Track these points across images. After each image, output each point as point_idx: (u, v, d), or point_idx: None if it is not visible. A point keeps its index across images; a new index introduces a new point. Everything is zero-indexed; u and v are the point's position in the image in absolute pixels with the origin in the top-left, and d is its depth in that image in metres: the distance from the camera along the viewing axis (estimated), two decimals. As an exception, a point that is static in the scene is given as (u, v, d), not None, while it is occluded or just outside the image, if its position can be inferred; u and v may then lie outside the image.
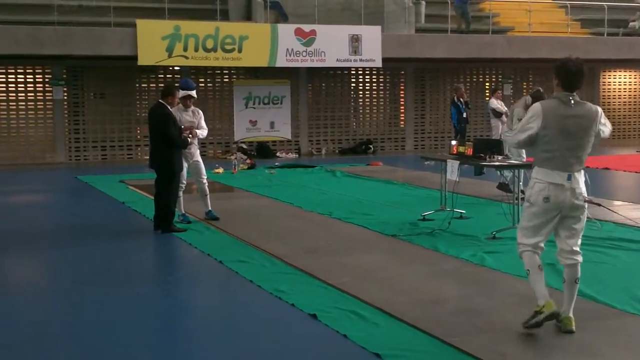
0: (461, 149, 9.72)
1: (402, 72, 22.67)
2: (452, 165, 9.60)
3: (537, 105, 5.37)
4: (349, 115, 22.54)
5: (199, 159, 10.19)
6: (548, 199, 5.23)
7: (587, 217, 5.57)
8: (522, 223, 5.50)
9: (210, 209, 10.28)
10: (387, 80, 22.75)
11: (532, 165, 5.52)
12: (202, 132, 10.08)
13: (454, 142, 10.17)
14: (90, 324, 5.86)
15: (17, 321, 5.99)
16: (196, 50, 18.51)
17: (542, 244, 5.40)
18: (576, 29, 23.96)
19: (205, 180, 10.21)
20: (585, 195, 5.36)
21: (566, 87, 5.27)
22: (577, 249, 5.40)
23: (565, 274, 5.42)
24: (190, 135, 9.74)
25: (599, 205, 5.79)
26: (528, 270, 5.41)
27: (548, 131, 5.23)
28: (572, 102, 5.26)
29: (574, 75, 5.25)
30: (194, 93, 10.19)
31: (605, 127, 5.42)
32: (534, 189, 5.32)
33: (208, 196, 10.29)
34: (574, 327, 5.26)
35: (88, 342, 5.43)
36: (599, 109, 5.38)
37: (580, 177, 5.33)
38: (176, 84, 11.39)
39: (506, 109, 19.08)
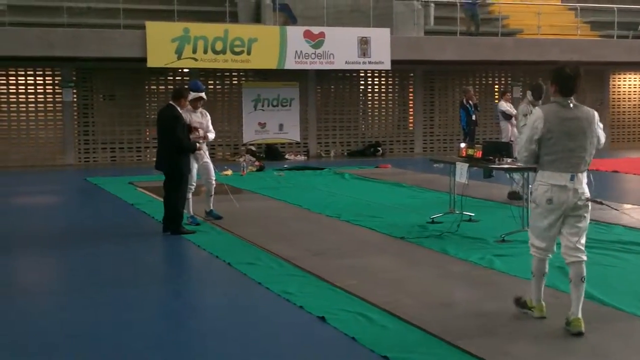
0: (470, 151, 9.70)
1: (411, 75, 22.64)
2: (461, 168, 9.57)
3: (537, 111, 5.50)
4: (358, 117, 22.52)
5: (209, 160, 10.27)
6: (551, 200, 5.40)
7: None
8: (531, 224, 5.72)
9: (212, 208, 10.39)
10: (396, 82, 22.73)
11: (536, 169, 5.66)
12: (211, 135, 10.18)
13: (463, 145, 10.15)
14: (99, 325, 5.87)
15: (27, 322, 6.01)
16: (205, 52, 18.53)
17: (553, 247, 5.62)
18: (586, 32, 23.88)
19: (213, 182, 10.28)
20: (588, 195, 5.47)
21: (563, 93, 5.41)
22: (581, 247, 5.47)
23: (571, 273, 5.51)
24: (201, 139, 9.80)
25: (601, 203, 5.83)
26: (533, 273, 5.73)
27: (552, 134, 5.37)
28: (571, 105, 5.43)
29: (571, 80, 5.37)
30: (204, 95, 10.28)
31: (602, 136, 5.58)
32: (538, 191, 5.49)
33: (213, 197, 10.42)
34: (583, 329, 5.30)
35: (98, 343, 5.45)
36: (595, 112, 5.56)
37: (584, 178, 5.45)
38: (185, 86, 11.44)
39: (515, 111, 19.04)
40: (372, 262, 7.82)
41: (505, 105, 17.92)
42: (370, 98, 22.55)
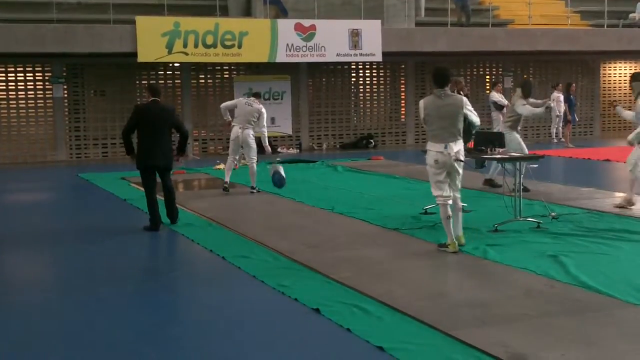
0: (462, 142, 9.70)
1: (403, 66, 22.63)
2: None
3: (421, 102, 7.90)
4: (350, 109, 22.51)
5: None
6: (437, 161, 7.70)
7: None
8: (431, 181, 7.85)
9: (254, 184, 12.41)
10: (388, 74, 22.72)
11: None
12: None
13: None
14: (94, 321, 5.88)
15: (22, 320, 6.01)
16: (196, 46, 18.48)
17: (446, 193, 7.74)
18: (576, 21, 23.91)
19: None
20: (460, 157, 7.74)
21: (438, 85, 7.77)
22: (458, 189, 7.95)
23: (454, 208, 7.79)
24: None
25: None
26: (442, 219, 7.74)
27: (430, 117, 7.73)
28: (443, 95, 7.76)
29: (442, 78, 7.77)
30: None
31: (475, 117, 7.94)
32: (428, 156, 7.77)
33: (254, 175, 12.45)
34: (464, 241, 7.81)
35: (92, 339, 5.45)
36: (464, 98, 7.92)
37: (455, 146, 7.68)
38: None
39: (507, 101, 19.09)
40: (366, 253, 7.84)
41: (497, 96, 17.99)
42: (362, 90, 22.53)
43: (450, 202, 7.75)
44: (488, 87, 22.76)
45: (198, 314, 6.10)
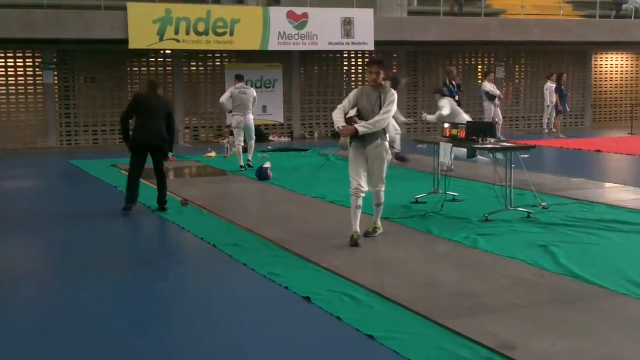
0: (454, 131, 9.72)
1: (395, 55, 22.60)
2: (445, 148, 9.62)
3: (395, 95, 7.69)
4: (342, 98, 22.24)
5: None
6: None
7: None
8: (385, 172, 7.91)
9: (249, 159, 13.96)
10: (380, 63, 22.64)
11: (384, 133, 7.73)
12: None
13: (446, 125, 10.17)
14: (83, 309, 5.86)
15: (10, 308, 5.99)
16: (187, 33, 18.40)
17: None
18: (568, 11, 23.92)
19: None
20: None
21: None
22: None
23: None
24: None
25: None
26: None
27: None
28: None
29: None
30: None
31: None
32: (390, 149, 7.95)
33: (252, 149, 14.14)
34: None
35: (82, 327, 5.43)
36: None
37: None
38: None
39: (499, 91, 19.14)
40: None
41: (489, 86, 18.05)
42: (354, 79, 22.49)
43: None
44: (480, 77, 22.76)
45: (188, 301, 6.09)
